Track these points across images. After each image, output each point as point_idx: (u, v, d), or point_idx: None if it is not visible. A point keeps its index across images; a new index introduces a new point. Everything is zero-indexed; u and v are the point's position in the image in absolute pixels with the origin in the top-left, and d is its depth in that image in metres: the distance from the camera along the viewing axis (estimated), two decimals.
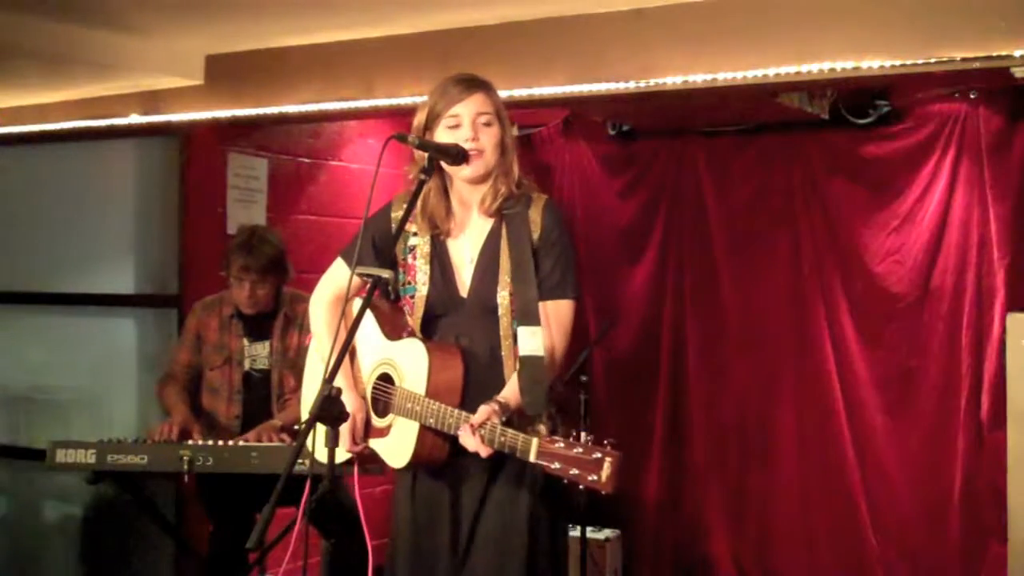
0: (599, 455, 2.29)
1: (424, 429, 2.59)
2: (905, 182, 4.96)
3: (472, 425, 2.47)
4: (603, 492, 2.30)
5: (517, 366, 2.60)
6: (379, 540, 2.77)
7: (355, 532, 2.76)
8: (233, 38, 4.53)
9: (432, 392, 2.59)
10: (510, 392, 2.58)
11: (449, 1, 3.94)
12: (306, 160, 5.37)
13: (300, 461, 2.39)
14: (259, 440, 3.91)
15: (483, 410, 2.49)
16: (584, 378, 4.44)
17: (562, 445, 2.33)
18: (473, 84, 2.69)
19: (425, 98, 2.73)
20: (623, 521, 5.43)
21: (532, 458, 2.36)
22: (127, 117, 4.98)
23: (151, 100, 4.95)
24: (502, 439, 2.43)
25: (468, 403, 2.57)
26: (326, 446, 2.35)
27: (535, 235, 2.68)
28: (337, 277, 2.84)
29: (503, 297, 2.65)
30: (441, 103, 2.68)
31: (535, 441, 2.37)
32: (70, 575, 5.07)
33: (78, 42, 4.29)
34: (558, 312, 2.66)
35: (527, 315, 2.60)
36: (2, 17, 4.03)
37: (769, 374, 5.31)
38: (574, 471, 2.30)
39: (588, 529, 4.78)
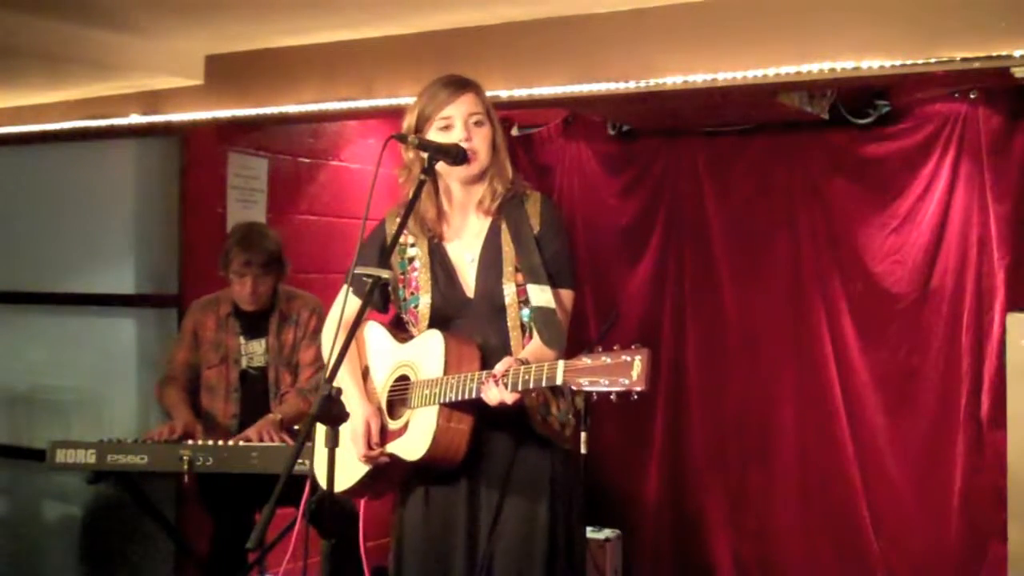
0: (627, 357, 2.25)
1: (444, 411, 2.56)
2: (905, 182, 4.95)
3: (495, 375, 2.44)
4: (636, 392, 2.24)
5: (531, 319, 2.60)
6: (377, 541, 2.77)
7: (355, 532, 2.76)
8: (233, 38, 4.53)
9: (449, 372, 2.57)
10: (527, 352, 2.58)
11: (449, 1, 3.93)
12: (306, 160, 5.37)
13: (300, 461, 2.38)
14: (259, 436, 3.91)
15: (505, 361, 2.48)
16: None
17: (589, 360, 2.29)
18: (463, 85, 2.68)
19: (412, 100, 2.72)
20: (623, 521, 5.43)
21: (560, 380, 2.32)
22: (127, 117, 4.97)
23: (151, 100, 4.94)
24: (526, 377, 2.40)
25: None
26: (326, 447, 2.34)
27: (535, 229, 2.69)
28: (344, 303, 2.82)
29: (510, 289, 2.66)
30: (431, 105, 2.66)
31: (561, 363, 2.33)
32: (70, 575, 5.07)
33: (78, 42, 4.29)
34: (560, 300, 2.66)
35: (535, 275, 2.60)
36: (2, 17, 4.02)
37: (769, 374, 5.30)
38: (604, 381, 2.25)
39: (588, 529, 4.78)
